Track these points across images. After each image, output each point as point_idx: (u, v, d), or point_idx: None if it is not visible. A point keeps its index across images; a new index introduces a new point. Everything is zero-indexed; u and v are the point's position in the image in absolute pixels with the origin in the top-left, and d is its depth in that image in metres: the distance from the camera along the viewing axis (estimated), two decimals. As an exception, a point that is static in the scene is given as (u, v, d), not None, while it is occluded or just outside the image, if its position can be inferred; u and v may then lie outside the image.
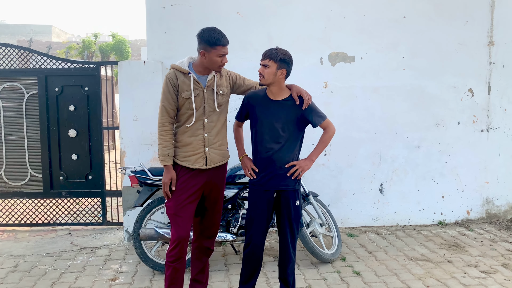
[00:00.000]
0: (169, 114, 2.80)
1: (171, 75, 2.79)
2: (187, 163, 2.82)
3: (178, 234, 2.79)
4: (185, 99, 2.78)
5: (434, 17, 4.86)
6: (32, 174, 4.92)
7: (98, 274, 3.71)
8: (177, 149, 2.85)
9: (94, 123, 4.85)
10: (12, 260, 4.05)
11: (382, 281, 3.54)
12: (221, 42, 2.72)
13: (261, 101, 2.92)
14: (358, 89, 4.82)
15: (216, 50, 2.72)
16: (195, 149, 2.84)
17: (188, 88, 2.77)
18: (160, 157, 2.82)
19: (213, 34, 2.71)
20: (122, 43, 28.41)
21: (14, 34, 37.24)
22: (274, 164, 2.85)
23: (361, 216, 4.94)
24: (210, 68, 2.81)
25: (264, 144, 2.88)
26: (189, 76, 2.79)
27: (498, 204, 5.16)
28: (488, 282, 3.50)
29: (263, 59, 2.88)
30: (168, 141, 2.80)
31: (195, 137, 2.84)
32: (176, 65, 2.83)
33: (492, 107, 5.04)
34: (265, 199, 2.88)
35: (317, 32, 4.72)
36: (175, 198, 2.83)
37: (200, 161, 2.84)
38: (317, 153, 2.90)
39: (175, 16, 4.50)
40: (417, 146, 4.95)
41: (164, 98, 2.78)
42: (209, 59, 2.75)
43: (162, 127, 2.80)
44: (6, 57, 4.89)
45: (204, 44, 2.72)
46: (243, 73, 4.57)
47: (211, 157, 2.88)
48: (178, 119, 2.86)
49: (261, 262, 2.99)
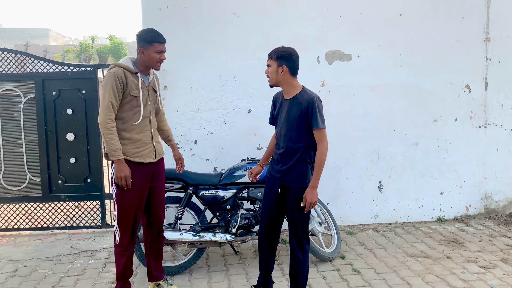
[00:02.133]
0: (114, 110, 2.88)
1: (119, 72, 2.87)
2: (140, 158, 2.98)
3: (130, 227, 3.02)
4: (132, 97, 2.92)
5: (430, 14, 4.87)
6: (30, 179, 4.92)
7: (98, 277, 3.71)
8: (124, 146, 2.94)
9: (92, 126, 4.85)
10: (11, 264, 4.05)
11: (381, 278, 3.54)
12: (158, 39, 2.94)
13: (280, 100, 3.02)
14: (356, 87, 4.82)
15: (153, 47, 2.92)
16: (145, 144, 3.02)
17: (136, 87, 2.93)
18: (111, 152, 2.85)
19: (149, 32, 2.94)
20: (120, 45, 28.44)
21: (11, 38, 37.22)
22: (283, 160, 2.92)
23: (360, 214, 4.95)
24: (149, 65, 2.99)
25: (278, 142, 2.99)
26: (137, 75, 2.95)
27: (497, 199, 5.17)
28: (488, 277, 3.51)
29: (267, 60, 2.96)
30: (117, 136, 2.88)
31: (144, 133, 3.01)
32: (122, 63, 2.94)
33: (489, 102, 5.05)
34: (272, 190, 2.99)
35: (314, 31, 4.72)
36: (131, 194, 2.96)
37: (151, 155, 3.05)
38: (317, 178, 2.83)
39: (171, 18, 4.50)
40: (415, 143, 4.96)
41: (112, 94, 2.84)
42: (147, 56, 2.94)
43: (110, 123, 2.85)
44: (3, 62, 4.89)
45: (142, 42, 2.92)
46: (240, 73, 4.63)
47: (158, 150, 3.13)
48: (121, 116, 2.94)
49: (268, 254, 3.07)
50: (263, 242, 3.08)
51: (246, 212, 3.79)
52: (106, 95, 2.85)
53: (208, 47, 4.55)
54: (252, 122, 4.65)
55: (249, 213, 3.78)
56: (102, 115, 2.85)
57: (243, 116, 4.66)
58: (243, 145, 4.62)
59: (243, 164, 3.86)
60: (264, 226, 3.05)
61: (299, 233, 2.93)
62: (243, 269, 3.77)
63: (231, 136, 4.64)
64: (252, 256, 4.07)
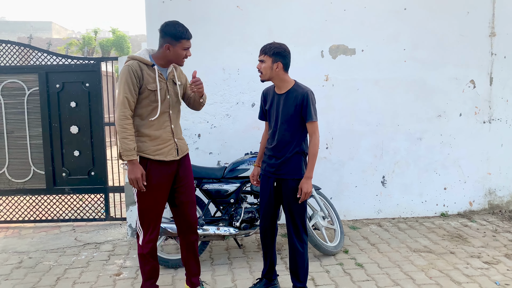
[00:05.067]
0: (131, 106, 2.70)
1: (134, 65, 2.70)
2: (160, 156, 2.79)
3: (153, 228, 2.87)
4: (150, 91, 2.74)
5: (435, 8, 4.83)
6: (35, 171, 4.94)
7: (102, 269, 3.73)
8: (144, 144, 2.77)
9: (95, 119, 4.86)
10: (16, 256, 4.08)
11: (385, 272, 3.55)
12: (186, 35, 2.77)
13: (270, 95, 3.05)
14: (359, 81, 4.81)
15: (181, 44, 2.76)
16: (166, 141, 2.83)
17: (153, 80, 2.75)
18: (124, 152, 2.66)
19: (178, 28, 2.75)
20: (123, 38, 28.40)
21: (14, 31, 37.21)
22: (277, 154, 2.96)
23: (364, 208, 4.95)
24: (174, 61, 2.84)
25: (272, 136, 3.01)
26: (153, 68, 2.77)
27: (501, 195, 5.16)
28: (491, 273, 3.51)
29: (259, 55, 2.98)
30: (132, 135, 2.69)
31: (163, 130, 2.83)
32: (138, 56, 2.76)
33: (494, 98, 5.03)
34: (268, 186, 3.03)
35: (318, 25, 4.70)
36: (151, 194, 2.80)
37: (173, 152, 2.86)
38: (311, 169, 2.90)
39: (174, 11, 4.48)
40: (419, 138, 4.94)
41: (127, 89, 2.67)
42: (174, 52, 2.77)
43: (125, 120, 2.67)
44: (6, 54, 4.89)
45: (169, 38, 2.75)
46: (244, 66, 4.62)
47: (181, 147, 2.92)
48: (138, 112, 2.77)
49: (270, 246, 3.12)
50: (265, 233, 3.13)
51: (250, 206, 3.80)
52: (121, 90, 2.68)
53: (211, 41, 4.53)
54: (256, 116, 4.59)
55: (252, 206, 3.79)
56: (117, 112, 2.69)
57: (246, 110, 4.66)
58: (247, 139, 4.62)
59: (246, 158, 3.86)
60: (265, 220, 3.11)
61: (298, 224, 2.98)
62: (246, 263, 3.78)
63: (235, 130, 4.64)
64: (256, 249, 4.08)
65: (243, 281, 3.42)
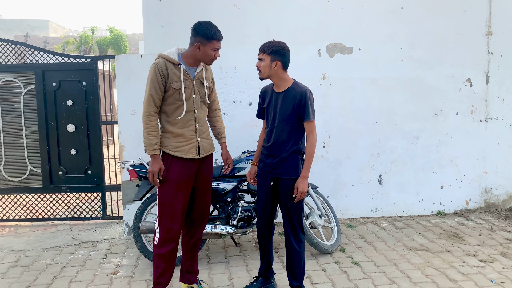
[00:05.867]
0: (155, 103, 2.77)
1: (160, 64, 2.76)
2: (180, 153, 2.84)
3: (171, 226, 2.84)
4: (174, 90, 2.79)
5: (432, 7, 4.84)
6: (31, 170, 4.92)
7: (99, 268, 3.73)
8: (167, 140, 2.85)
9: (92, 117, 4.85)
10: (13, 255, 4.07)
11: (381, 271, 3.56)
12: (217, 36, 2.79)
13: (269, 93, 3.05)
14: (357, 80, 4.81)
15: (211, 44, 2.78)
16: (188, 139, 2.86)
17: (178, 79, 2.79)
18: (147, 146, 2.78)
19: (210, 28, 2.77)
20: (120, 37, 28.35)
21: (10, 30, 37.08)
22: (273, 154, 2.96)
23: (360, 207, 4.96)
24: (203, 61, 2.86)
25: (269, 134, 3.00)
26: (179, 67, 2.81)
27: (497, 193, 5.18)
28: (487, 271, 3.52)
29: (258, 53, 2.98)
30: (155, 131, 2.79)
31: (187, 128, 2.87)
32: (165, 54, 2.81)
33: (491, 97, 5.04)
34: (265, 185, 3.03)
35: (315, 24, 4.70)
36: (170, 189, 2.84)
37: (193, 151, 2.88)
38: (307, 168, 2.91)
39: (172, 9, 4.47)
40: (416, 137, 4.96)
41: (152, 87, 2.75)
42: (203, 52, 2.80)
43: (149, 116, 2.77)
44: (2, 53, 4.87)
45: (201, 37, 2.77)
46: (241, 66, 4.61)
47: (203, 146, 2.94)
48: (164, 109, 2.84)
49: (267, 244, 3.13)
50: (262, 232, 3.14)
51: (247, 205, 3.80)
52: (147, 88, 2.77)
53: (209, 39, 4.52)
54: (253, 115, 4.61)
55: (249, 205, 3.79)
56: (143, 108, 2.78)
57: (243, 108, 4.66)
58: (244, 137, 4.62)
59: (243, 156, 3.86)
60: (262, 219, 3.12)
61: (294, 223, 2.98)
62: (243, 261, 3.79)
63: (232, 129, 4.63)
64: (253, 248, 4.09)
65: (240, 279, 3.43)
